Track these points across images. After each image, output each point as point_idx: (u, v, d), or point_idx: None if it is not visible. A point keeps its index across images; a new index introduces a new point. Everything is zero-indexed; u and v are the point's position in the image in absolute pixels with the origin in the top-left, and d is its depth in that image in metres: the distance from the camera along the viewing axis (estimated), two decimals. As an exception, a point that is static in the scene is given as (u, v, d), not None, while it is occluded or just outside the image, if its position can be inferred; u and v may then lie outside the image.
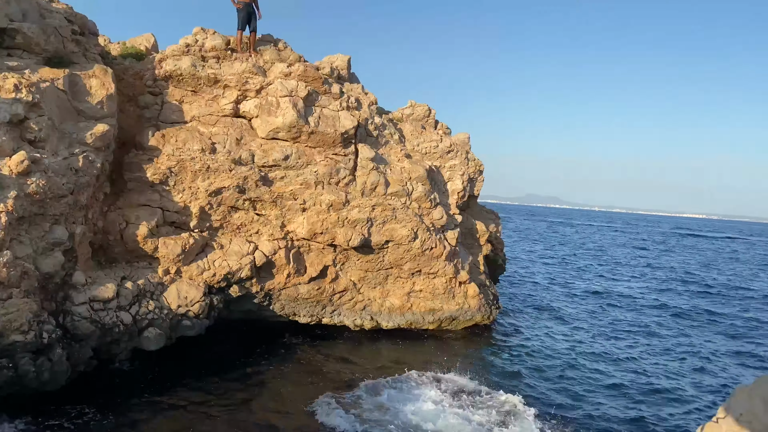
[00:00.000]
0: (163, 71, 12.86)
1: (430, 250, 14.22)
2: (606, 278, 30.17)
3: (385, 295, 14.56)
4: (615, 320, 19.40)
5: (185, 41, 13.78)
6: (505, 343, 15.23)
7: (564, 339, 16.22)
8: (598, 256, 43.14)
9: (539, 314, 19.40)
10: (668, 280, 31.10)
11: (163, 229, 12.18)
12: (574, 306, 21.39)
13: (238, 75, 13.22)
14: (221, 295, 12.52)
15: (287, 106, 13.01)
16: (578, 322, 18.71)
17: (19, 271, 9.25)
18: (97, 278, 10.97)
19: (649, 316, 20.72)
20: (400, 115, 16.49)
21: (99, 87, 11.36)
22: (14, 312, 9.11)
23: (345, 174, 13.58)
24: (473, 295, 15.07)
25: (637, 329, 18.37)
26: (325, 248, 13.63)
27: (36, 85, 10.02)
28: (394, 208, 13.87)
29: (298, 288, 13.54)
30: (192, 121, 12.93)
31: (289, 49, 14.90)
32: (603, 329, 17.94)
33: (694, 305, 23.50)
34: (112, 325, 10.67)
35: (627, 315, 20.53)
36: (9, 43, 10.73)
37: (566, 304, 21.68)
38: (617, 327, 18.41)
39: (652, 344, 16.61)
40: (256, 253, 12.78)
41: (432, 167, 15.24)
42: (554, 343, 15.63)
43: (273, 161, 12.88)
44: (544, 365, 13.68)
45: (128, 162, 12.13)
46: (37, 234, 9.92)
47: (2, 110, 9.51)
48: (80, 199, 10.59)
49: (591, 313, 20.37)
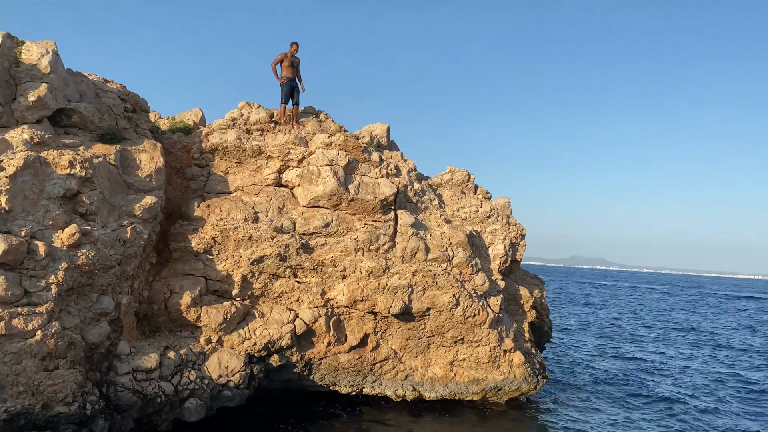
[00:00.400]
0: (209, 144, 13.34)
1: (472, 317, 13.93)
2: (659, 346, 28.89)
3: (427, 364, 14.22)
4: (665, 396, 18.40)
5: (231, 115, 14.33)
6: (552, 416, 14.56)
7: (613, 415, 15.42)
8: (652, 322, 41.52)
9: (589, 384, 18.58)
10: (724, 347, 29.55)
11: (205, 297, 12.31)
12: (625, 376, 20.43)
13: (281, 146, 13.60)
14: (262, 365, 12.44)
15: (328, 174, 13.25)
16: (630, 396, 17.81)
17: (66, 342, 9.43)
18: (140, 348, 11.08)
19: (706, 389, 19.61)
20: (439, 181, 16.57)
21: (148, 161, 11.82)
22: (60, 383, 9.23)
23: (385, 240, 13.60)
24: (519, 364, 14.58)
25: (691, 405, 17.36)
26: (365, 316, 13.51)
27: (89, 161, 10.50)
28: (435, 275, 13.73)
29: (338, 357, 13.37)
30: (236, 191, 13.27)
31: (330, 120, 15.31)
32: (653, 404, 17.02)
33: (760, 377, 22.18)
34: (154, 395, 10.68)
35: (681, 389, 19.48)
36: (66, 122, 11.36)
37: (617, 373, 20.74)
38: (671, 401, 17.44)
39: (710, 422, 15.62)
40: (296, 321, 12.75)
41: (472, 232, 15.13)
42: (603, 419, 14.87)
43: (314, 229, 13.02)
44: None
45: (174, 232, 12.44)
46: (85, 304, 10.16)
47: (57, 185, 9.96)
48: (127, 270, 10.85)
49: (641, 384, 19.40)
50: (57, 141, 10.75)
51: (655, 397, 17.40)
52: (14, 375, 8.84)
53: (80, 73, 12.35)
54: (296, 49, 14.86)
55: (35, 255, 9.25)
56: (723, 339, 32.51)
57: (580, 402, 16.24)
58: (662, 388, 18.58)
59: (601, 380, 19.22)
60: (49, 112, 10.83)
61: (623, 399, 16.90)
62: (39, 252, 9.28)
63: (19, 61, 10.74)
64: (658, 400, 17.06)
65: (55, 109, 10.91)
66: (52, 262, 9.47)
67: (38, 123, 10.67)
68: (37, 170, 9.82)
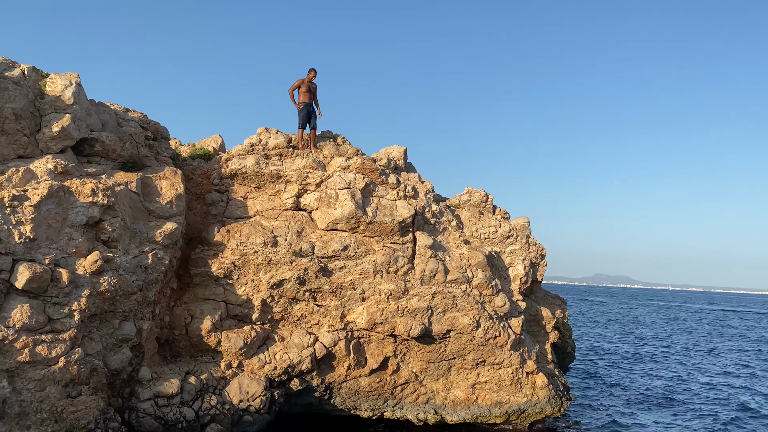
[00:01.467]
0: (228, 170, 13.51)
1: (493, 338, 13.78)
2: (687, 367, 28.27)
3: (449, 387, 14.07)
4: (695, 414, 17.94)
5: (250, 141, 14.52)
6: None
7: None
8: (679, 342, 40.68)
9: (615, 406, 18.21)
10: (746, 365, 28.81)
11: (226, 322, 12.37)
12: (653, 398, 19.98)
13: (299, 170, 13.72)
14: (282, 389, 12.42)
15: (346, 197, 13.32)
16: (658, 413, 17.41)
17: (89, 368, 9.53)
18: (162, 373, 11.15)
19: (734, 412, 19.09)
20: (457, 202, 16.55)
21: (169, 188, 12.00)
22: (82, 409, 9.32)
23: (403, 262, 13.57)
24: (542, 386, 14.36)
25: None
26: (385, 339, 13.44)
27: (111, 189, 10.69)
28: (455, 296, 13.65)
29: (358, 380, 13.29)
30: (255, 215, 13.39)
31: (348, 143, 15.43)
32: (682, 422, 16.60)
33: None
34: (176, 421, 10.71)
35: (705, 407, 18.99)
36: (89, 151, 11.61)
37: (644, 394, 20.29)
38: (697, 420, 16.99)
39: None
40: (316, 344, 12.73)
41: (492, 253, 15.05)
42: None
43: (332, 252, 13.06)
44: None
45: (194, 257, 12.56)
46: (107, 330, 10.27)
47: (80, 213, 10.16)
48: (148, 296, 10.97)
49: (671, 404, 18.95)
50: (80, 170, 10.99)
51: (677, 410, 16.99)
52: (38, 402, 8.95)
53: (102, 103, 12.65)
54: (314, 75, 15.05)
55: (59, 282, 9.41)
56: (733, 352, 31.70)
57: (606, 420, 15.89)
58: (690, 404, 18.13)
59: (628, 398, 18.81)
60: (73, 142, 11.08)
61: (648, 414, 16.51)
62: (62, 279, 9.43)
63: (43, 93, 11.04)
64: (679, 412, 16.64)
65: (78, 138, 11.17)
66: (75, 289, 9.62)
67: (62, 153, 10.92)
68: (60, 199, 10.03)
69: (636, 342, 37.22)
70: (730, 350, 35.10)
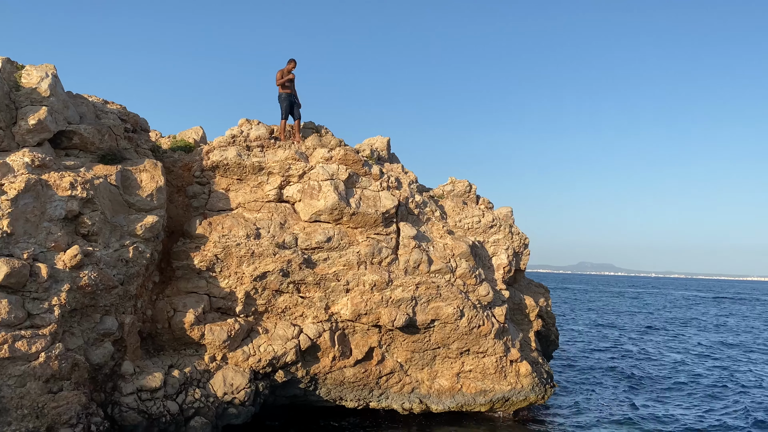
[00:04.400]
0: (210, 162, 13.40)
1: (477, 327, 13.86)
2: (671, 352, 28.68)
3: (434, 376, 14.15)
4: (675, 392, 18.23)
5: (231, 132, 14.40)
6: (560, 425, 14.43)
7: (626, 420, 15.28)
8: (660, 327, 41.22)
9: (598, 393, 18.43)
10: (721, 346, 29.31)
11: (209, 315, 12.31)
12: (635, 383, 20.25)
13: (281, 162, 13.63)
14: (267, 381, 12.41)
15: (329, 189, 13.27)
16: (638, 400, 17.66)
17: (70, 363, 9.44)
18: (144, 367, 11.08)
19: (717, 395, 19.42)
20: (440, 192, 16.57)
21: (149, 180, 11.88)
22: (64, 405, 9.23)
23: (387, 253, 13.58)
24: (525, 374, 14.48)
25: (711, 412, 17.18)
26: (369, 329, 13.46)
27: (90, 182, 10.56)
28: (438, 286, 13.69)
29: (343, 371, 13.32)
30: (237, 208, 13.31)
31: (330, 134, 15.37)
32: (658, 405, 16.86)
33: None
34: (159, 415, 10.66)
35: (697, 399, 19.30)
36: (67, 143, 11.44)
37: (626, 380, 20.56)
38: (667, 401, 17.27)
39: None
40: (300, 336, 12.72)
41: (475, 243, 15.10)
42: (619, 428, 14.74)
43: (316, 243, 13.03)
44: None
45: (176, 250, 12.47)
46: (88, 325, 10.18)
47: (58, 207, 10.02)
48: (130, 289, 10.88)
49: (649, 390, 19.23)
50: (58, 163, 10.83)
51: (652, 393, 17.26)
52: (18, 398, 8.85)
53: (80, 95, 12.47)
54: (294, 66, 14.95)
55: (37, 277, 9.29)
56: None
57: (589, 406, 16.08)
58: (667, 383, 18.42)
59: (611, 384, 19.05)
60: (50, 135, 10.91)
61: (629, 398, 16.73)
62: (41, 274, 9.31)
63: (19, 85, 10.85)
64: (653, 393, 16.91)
65: (55, 131, 11.00)
66: (55, 283, 9.50)
67: (39, 146, 10.75)
68: (38, 193, 9.88)
69: (625, 328, 37.67)
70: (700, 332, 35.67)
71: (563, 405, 16.48)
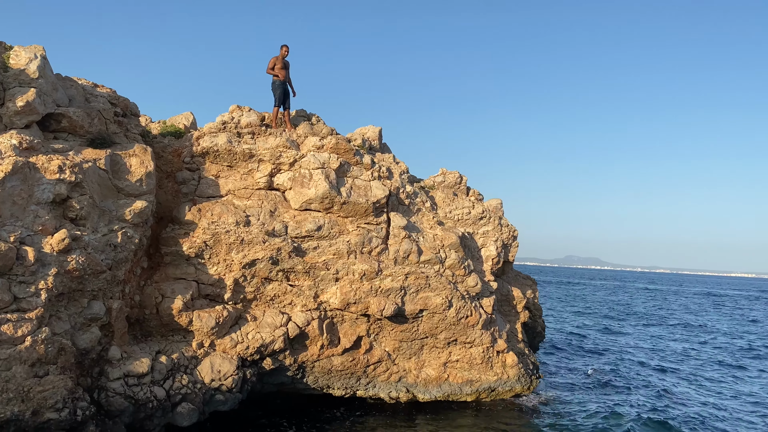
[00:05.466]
0: (200, 148, 13.31)
1: (465, 318, 13.94)
2: (650, 341, 29.00)
3: (421, 365, 14.22)
4: (650, 385, 18.46)
5: (222, 118, 14.29)
6: (546, 416, 14.58)
7: (607, 411, 15.46)
8: (643, 319, 41.64)
9: (582, 384, 18.61)
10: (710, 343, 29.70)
11: (197, 302, 12.27)
12: (621, 375, 20.47)
13: (272, 149, 13.57)
14: (254, 368, 12.42)
15: (320, 177, 13.24)
16: (623, 392, 17.86)
17: (57, 348, 9.38)
18: (132, 353, 11.03)
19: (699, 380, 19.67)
20: (431, 183, 16.59)
21: (138, 165, 11.78)
22: (50, 389, 9.18)
23: (377, 243, 13.59)
24: (512, 365, 14.60)
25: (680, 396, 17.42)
26: (358, 318, 13.50)
27: (79, 166, 10.45)
28: (428, 276, 13.74)
29: (331, 360, 13.35)
30: (227, 194, 13.24)
31: (322, 123, 15.30)
32: (641, 397, 17.07)
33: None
34: (146, 400, 10.63)
35: (679, 382, 19.55)
36: (55, 126, 11.32)
37: (613, 372, 20.78)
38: (650, 388, 17.49)
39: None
40: (289, 324, 12.72)
41: (465, 234, 15.15)
42: (601, 419, 14.90)
43: (306, 232, 13.01)
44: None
45: (165, 236, 12.40)
46: (75, 310, 10.11)
47: (46, 191, 9.92)
48: (118, 275, 10.81)
49: (631, 379, 19.45)
50: (46, 146, 10.71)
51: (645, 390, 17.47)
52: (4, 381, 8.79)
53: (69, 78, 12.32)
54: (287, 52, 14.84)
55: (24, 261, 9.21)
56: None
57: (573, 397, 16.25)
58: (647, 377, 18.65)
59: (595, 376, 19.25)
60: (38, 117, 10.78)
61: (614, 391, 16.92)
62: (28, 257, 9.23)
63: (7, 66, 10.70)
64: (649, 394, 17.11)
65: (44, 113, 10.87)
66: (42, 267, 9.43)
67: (27, 128, 10.63)
68: (26, 175, 9.78)
69: (611, 320, 38.02)
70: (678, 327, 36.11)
71: (548, 396, 16.63)
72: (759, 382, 20.71)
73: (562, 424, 14.02)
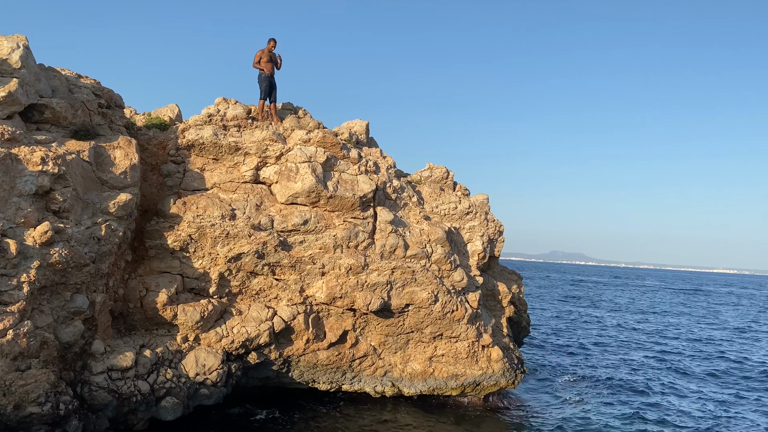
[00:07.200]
0: (185, 140, 13.19)
1: (451, 312, 13.98)
2: (638, 339, 29.32)
3: (407, 360, 14.26)
4: (632, 380, 18.68)
5: (207, 111, 14.18)
6: (530, 409, 14.69)
7: (593, 405, 15.63)
8: (626, 315, 42.07)
9: (567, 378, 18.78)
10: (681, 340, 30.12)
11: (182, 295, 12.20)
12: (604, 369, 20.69)
13: (258, 142, 13.49)
14: (239, 363, 12.38)
15: (306, 171, 13.19)
16: (605, 386, 18.05)
17: (39, 341, 9.28)
18: (116, 347, 10.95)
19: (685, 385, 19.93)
20: (418, 178, 16.59)
21: (123, 157, 11.66)
22: (32, 383, 9.10)
23: (364, 237, 13.58)
24: (497, 359, 14.68)
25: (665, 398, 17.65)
26: (344, 313, 13.49)
27: (62, 157, 10.32)
28: (414, 271, 13.76)
29: (317, 354, 13.34)
30: (213, 188, 13.15)
31: (309, 116, 15.24)
32: (625, 390, 17.27)
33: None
34: (130, 394, 10.57)
35: (662, 378, 19.80)
36: (38, 117, 11.16)
37: (595, 368, 20.99)
38: (635, 385, 17.71)
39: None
40: (274, 318, 12.69)
41: (451, 229, 15.18)
42: (586, 413, 15.05)
43: (292, 226, 12.96)
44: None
45: (150, 229, 12.29)
46: (58, 303, 10.01)
47: (29, 182, 9.79)
48: (102, 268, 10.71)
49: (614, 372, 19.67)
50: (29, 137, 10.56)
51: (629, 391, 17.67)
52: (-15, 375, 8.69)
53: (53, 68, 12.15)
54: (274, 45, 14.76)
55: (6, 253, 9.09)
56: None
57: (557, 390, 16.39)
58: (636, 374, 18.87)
59: (579, 370, 19.43)
60: (20, 108, 10.63)
61: (596, 384, 17.10)
62: (10, 250, 9.11)
63: (-12, 56, 10.52)
64: (632, 393, 17.31)
65: (26, 104, 10.71)
66: (24, 260, 9.31)
67: (9, 119, 10.47)
68: (7, 167, 9.64)
69: (596, 316, 38.37)
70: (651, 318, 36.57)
71: (533, 390, 16.76)
72: (738, 374, 21.03)
73: (545, 419, 14.13)
